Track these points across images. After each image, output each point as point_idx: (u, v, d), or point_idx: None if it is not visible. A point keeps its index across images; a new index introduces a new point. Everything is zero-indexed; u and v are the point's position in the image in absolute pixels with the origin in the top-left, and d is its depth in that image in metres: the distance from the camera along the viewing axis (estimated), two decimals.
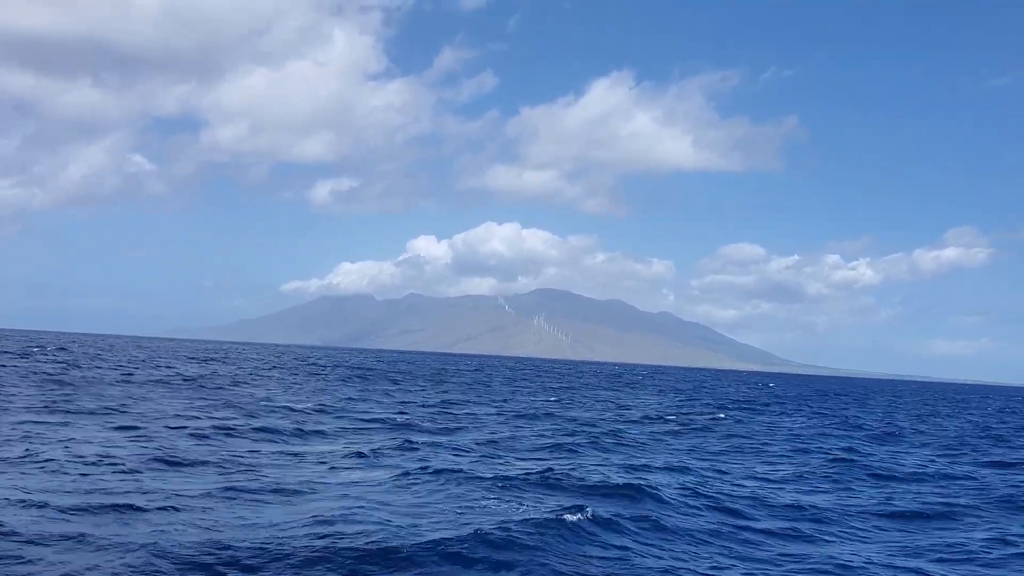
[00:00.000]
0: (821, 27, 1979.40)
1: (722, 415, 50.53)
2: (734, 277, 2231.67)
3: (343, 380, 68.77)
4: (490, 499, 17.74)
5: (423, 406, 44.30)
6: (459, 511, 16.34)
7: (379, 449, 24.60)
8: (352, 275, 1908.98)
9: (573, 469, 22.37)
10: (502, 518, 15.44)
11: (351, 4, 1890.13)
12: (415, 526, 14.75)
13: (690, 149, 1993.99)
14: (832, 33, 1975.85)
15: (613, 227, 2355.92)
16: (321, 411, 36.81)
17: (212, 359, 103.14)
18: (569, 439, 30.58)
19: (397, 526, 14.64)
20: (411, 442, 26.38)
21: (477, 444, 27.88)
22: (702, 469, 24.89)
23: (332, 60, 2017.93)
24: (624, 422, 41.40)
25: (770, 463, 28.02)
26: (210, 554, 12.39)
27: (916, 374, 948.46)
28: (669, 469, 24.29)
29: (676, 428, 39.60)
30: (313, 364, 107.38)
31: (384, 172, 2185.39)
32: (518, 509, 16.68)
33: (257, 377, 64.82)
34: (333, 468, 21.25)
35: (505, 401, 53.58)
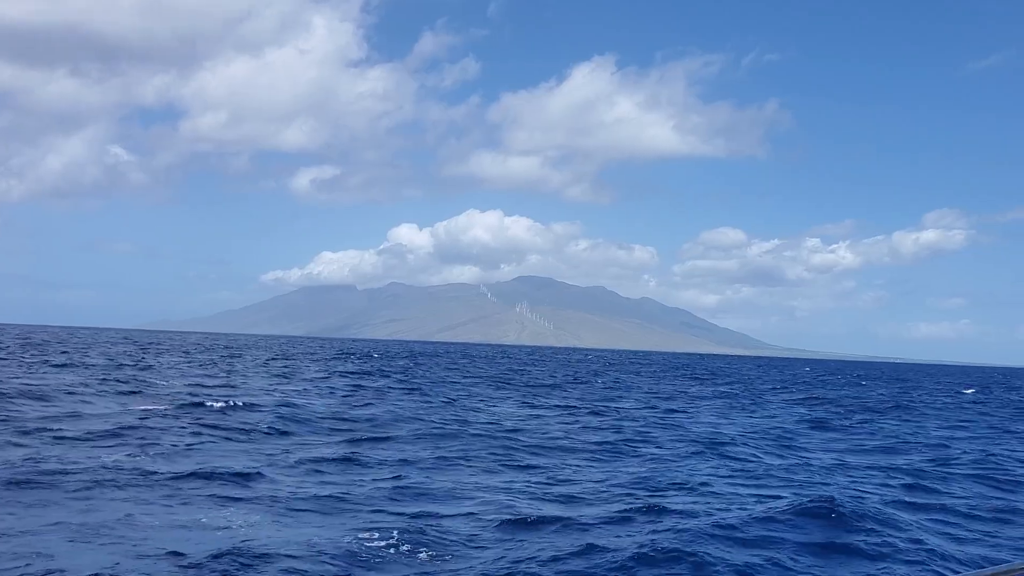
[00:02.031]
0: (804, 11, 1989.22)
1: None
2: (716, 262, 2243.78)
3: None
4: None
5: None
6: None
7: None
8: (333, 264, 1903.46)
9: None
10: None
11: None
12: None
13: (672, 134, 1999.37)
14: (815, 18, 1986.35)
15: (596, 213, 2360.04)
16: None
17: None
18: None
19: None
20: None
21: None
22: None
23: (313, 47, 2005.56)
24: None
25: None
26: None
27: (897, 356, 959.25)
28: None
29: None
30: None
31: (366, 160, 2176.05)
32: None
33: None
34: None
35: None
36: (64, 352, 68.04)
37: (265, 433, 23.25)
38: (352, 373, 57.48)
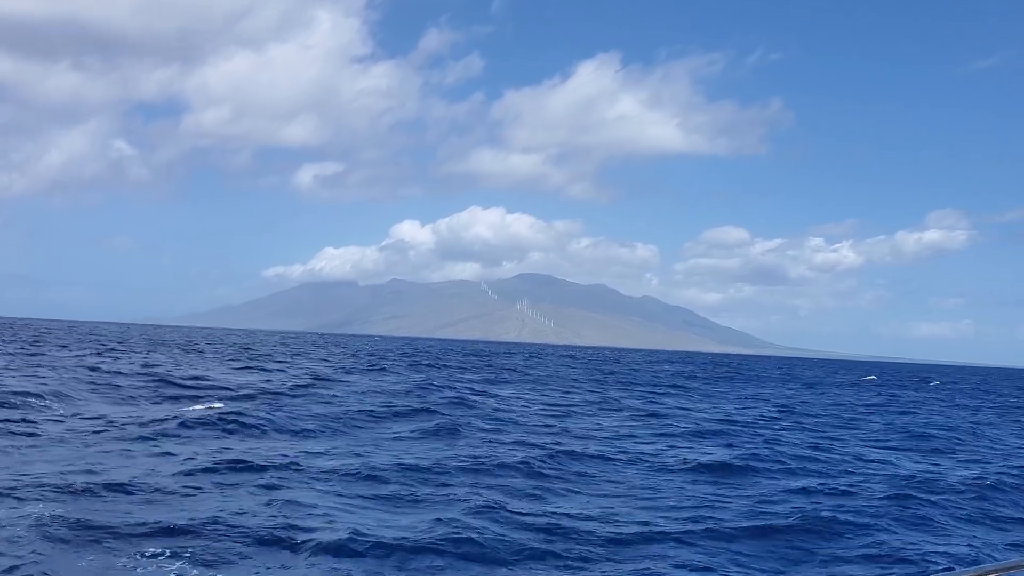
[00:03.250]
0: (807, 10, 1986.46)
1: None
2: (718, 261, 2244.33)
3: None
4: None
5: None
6: None
7: None
8: (335, 260, 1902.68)
9: None
10: None
11: None
12: None
13: (676, 132, 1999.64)
14: (818, 16, 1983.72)
15: (598, 211, 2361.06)
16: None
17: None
18: None
19: None
20: None
21: None
22: None
23: (316, 43, 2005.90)
24: None
25: None
26: None
27: (899, 356, 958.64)
28: None
29: None
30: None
31: (368, 157, 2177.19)
32: None
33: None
34: None
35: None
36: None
37: None
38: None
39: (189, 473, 15.74)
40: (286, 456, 18.08)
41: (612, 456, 20.84)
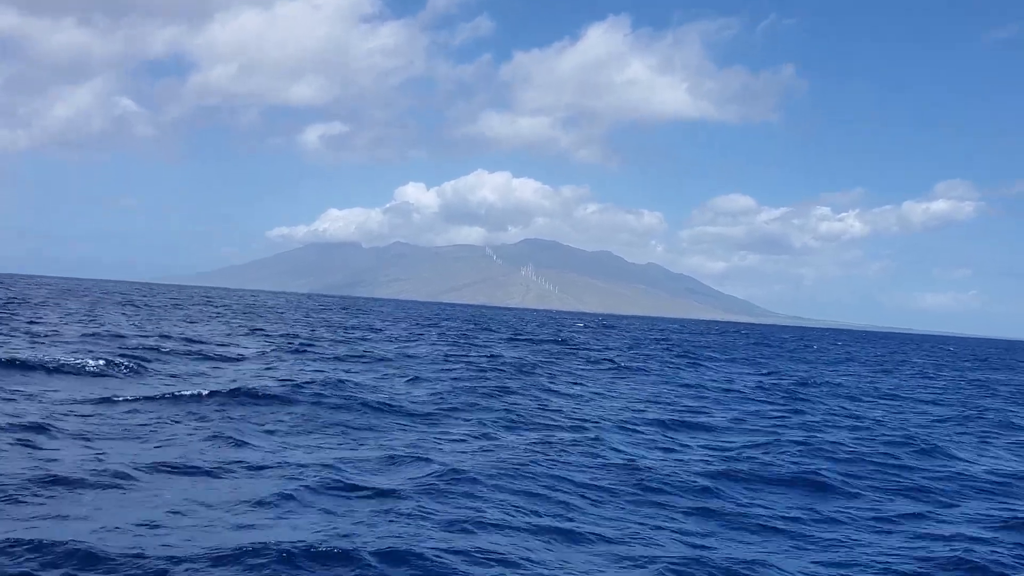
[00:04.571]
0: None
1: None
2: (724, 228, 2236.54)
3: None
4: None
5: None
6: None
7: None
8: (339, 222, 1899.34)
9: None
10: None
11: None
12: None
13: (685, 98, 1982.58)
14: None
15: (605, 177, 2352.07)
16: None
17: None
18: None
19: None
20: None
21: None
22: None
23: (325, 1, 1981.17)
24: None
25: None
26: None
27: (903, 327, 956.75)
28: None
29: None
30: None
31: (375, 118, 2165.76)
32: None
33: None
34: None
35: None
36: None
37: None
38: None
39: None
40: None
41: None
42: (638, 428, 20.14)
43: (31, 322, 40.45)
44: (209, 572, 8.62)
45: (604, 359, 43.22)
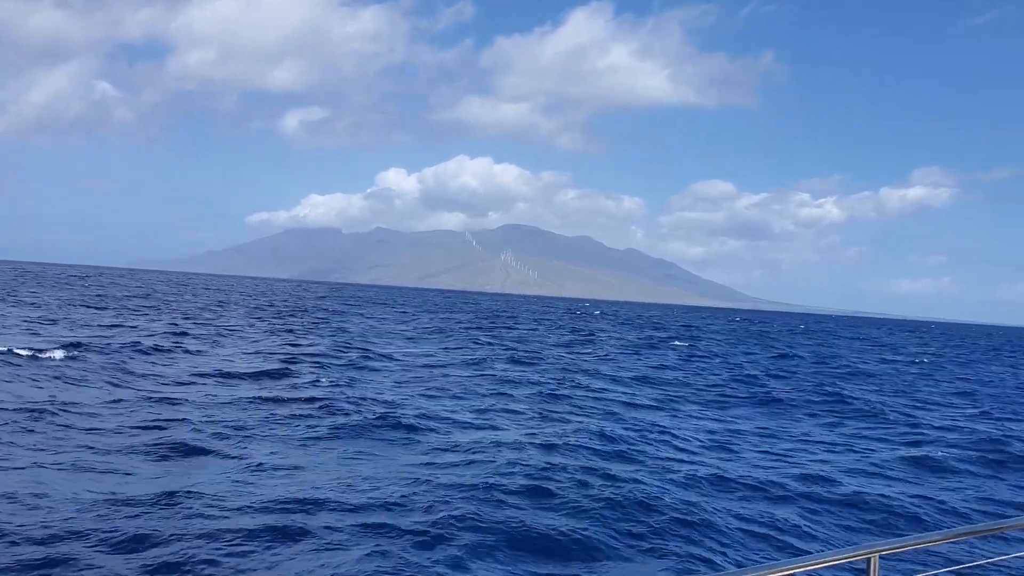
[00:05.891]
0: None
1: None
2: (703, 214, 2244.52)
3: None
4: None
5: None
6: None
7: None
8: (320, 208, 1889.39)
9: None
10: None
11: None
12: None
13: (666, 84, 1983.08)
14: None
15: (585, 163, 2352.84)
16: None
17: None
18: None
19: None
20: None
21: None
22: None
23: None
24: None
25: None
26: None
27: (879, 312, 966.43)
28: None
29: None
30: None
31: (355, 103, 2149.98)
32: None
33: None
34: None
35: None
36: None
37: None
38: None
39: None
40: None
41: None
42: None
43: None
44: None
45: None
